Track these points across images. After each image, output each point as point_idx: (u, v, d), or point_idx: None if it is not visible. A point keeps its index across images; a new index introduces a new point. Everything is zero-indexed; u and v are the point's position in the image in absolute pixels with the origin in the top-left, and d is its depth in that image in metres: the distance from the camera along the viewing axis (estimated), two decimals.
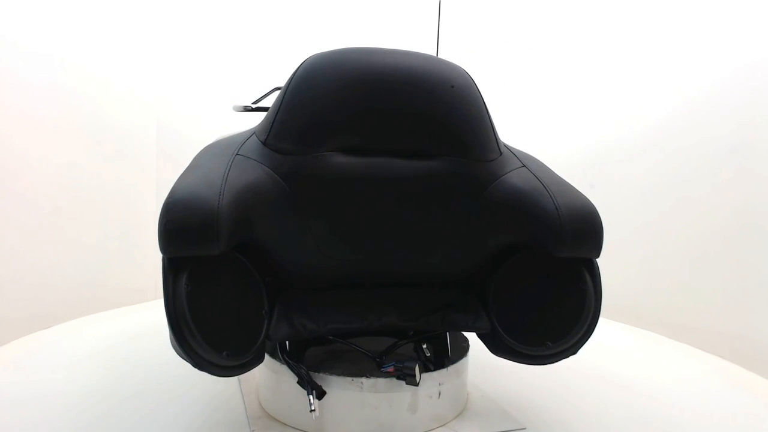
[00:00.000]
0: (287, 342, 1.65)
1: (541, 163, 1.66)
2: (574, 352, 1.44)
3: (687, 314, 2.51)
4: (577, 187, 1.53)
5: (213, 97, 2.93)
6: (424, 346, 1.71)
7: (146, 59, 2.81)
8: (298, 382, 1.47)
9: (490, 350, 1.57)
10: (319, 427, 1.50)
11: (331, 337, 1.61)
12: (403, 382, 1.46)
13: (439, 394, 1.55)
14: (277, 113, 1.41)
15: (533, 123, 3.18)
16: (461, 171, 1.48)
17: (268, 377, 1.62)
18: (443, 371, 1.56)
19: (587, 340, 1.43)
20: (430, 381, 1.53)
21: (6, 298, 2.21)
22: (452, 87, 1.47)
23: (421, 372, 1.46)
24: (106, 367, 1.96)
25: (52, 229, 2.43)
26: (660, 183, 2.63)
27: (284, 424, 1.56)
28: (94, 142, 2.58)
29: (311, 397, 1.42)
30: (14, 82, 2.22)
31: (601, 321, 2.80)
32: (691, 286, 2.48)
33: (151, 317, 2.57)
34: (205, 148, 1.54)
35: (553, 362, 1.46)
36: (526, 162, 1.58)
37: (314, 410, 1.41)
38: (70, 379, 1.84)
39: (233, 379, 1.82)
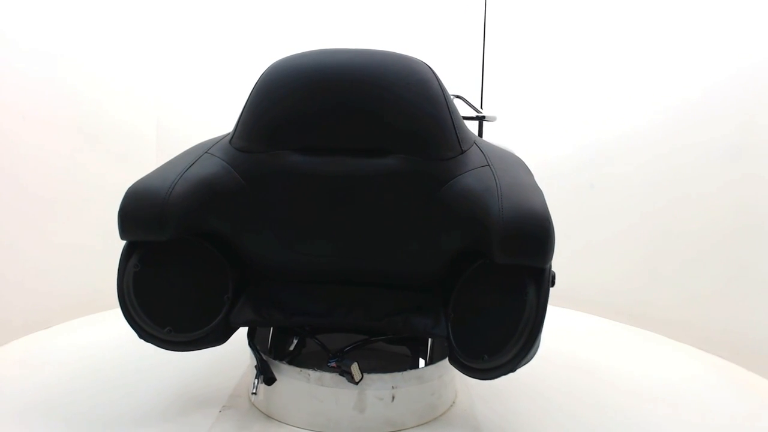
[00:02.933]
0: (271, 330, 1.77)
1: (518, 163, 1.53)
2: (512, 370, 1.30)
3: (687, 313, 2.48)
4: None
5: (214, 98, 2.94)
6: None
7: (147, 60, 2.80)
8: (255, 366, 1.56)
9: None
10: (273, 412, 1.58)
11: (304, 330, 1.68)
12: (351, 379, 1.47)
13: (393, 397, 1.51)
14: (241, 115, 1.53)
15: (535, 122, 3.04)
16: (415, 169, 1.44)
17: (250, 362, 1.73)
18: (397, 375, 1.52)
19: (525, 357, 1.28)
20: (381, 383, 1.50)
21: (6, 299, 2.17)
22: (408, 84, 1.44)
23: (361, 371, 1.45)
24: (105, 364, 1.98)
25: (52, 229, 2.37)
26: (661, 182, 2.58)
27: (254, 405, 1.66)
28: (94, 144, 2.53)
29: (257, 380, 1.51)
30: (14, 81, 2.17)
31: (601, 320, 2.81)
32: (691, 284, 2.47)
33: None
34: (189, 147, 1.72)
35: (491, 377, 1.34)
36: (493, 161, 1.47)
37: (255, 393, 1.50)
38: (69, 375, 1.87)
39: (242, 365, 1.97)
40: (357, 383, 1.45)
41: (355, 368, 1.44)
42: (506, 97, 2.97)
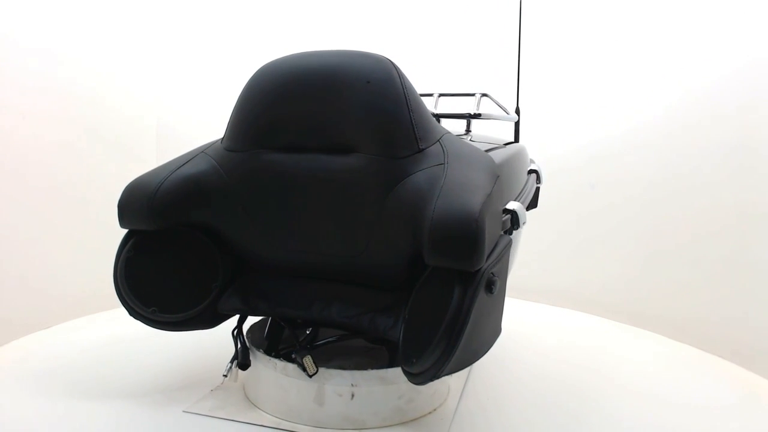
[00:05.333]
0: (269, 321, 1.86)
1: (480, 164, 1.45)
2: (436, 375, 1.24)
3: (687, 313, 2.47)
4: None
5: (214, 98, 2.85)
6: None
7: (148, 60, 2.82)
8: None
9: None
10: (251, 396, 1.68)
11: (295, 322, 1.75)
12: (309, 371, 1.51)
13: (352, 395, 1.52)
14: (230, 117, 1.66)
15: (535, 120, 2.87)
16: (371, 167, 1.45)
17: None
18: (357, 373, 1.52)
19: (446, 363, 1.21)
20: (340, 379, 1.52)
21: (6, 298, 2.18)
22: (368, 82, 1.46)
23: (316, 365, 1.48)
24: (105, 361, 2.00)
25: (53, 229, 2.38)
26: (660, 180, 2.58)
27: (243, 389, 1.76)
28: (95, 144, 2.56)
29: (230, 364, 1.62)
30: (15, 80, 2.19)
31: (600, 320, 2.79)
32: (690, 284, 2.46)
33: None
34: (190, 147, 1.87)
35: (420, 383, 1.29)
36: (451, 159, 1.42)
37: (226, 376, 1.61)
38: (68, 373, 1.89)
39: None
40: (311, 376, 1.49)
41: (308, 361, 1.48)
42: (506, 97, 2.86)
